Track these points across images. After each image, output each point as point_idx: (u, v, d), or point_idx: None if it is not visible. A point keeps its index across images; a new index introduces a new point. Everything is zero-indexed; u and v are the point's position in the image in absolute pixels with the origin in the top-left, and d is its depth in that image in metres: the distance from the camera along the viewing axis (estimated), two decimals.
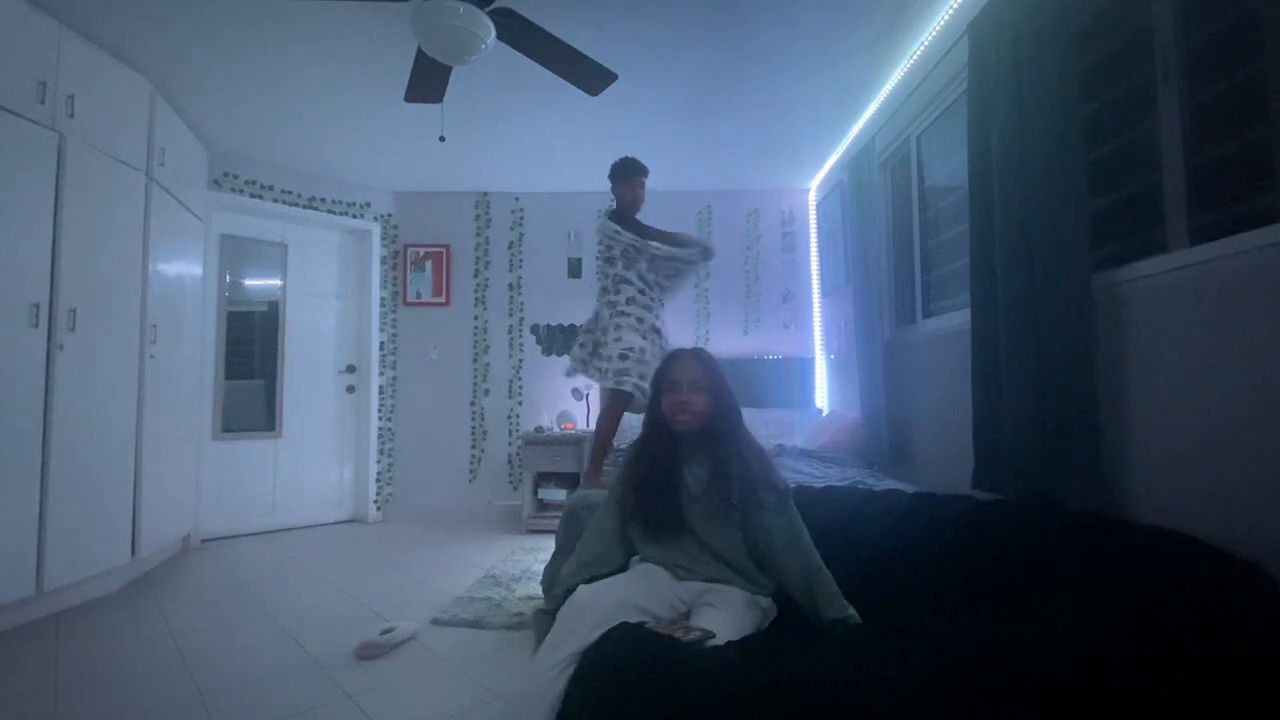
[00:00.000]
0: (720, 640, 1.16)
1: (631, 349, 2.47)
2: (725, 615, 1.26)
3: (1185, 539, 1.21)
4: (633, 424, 3.71)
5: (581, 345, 2.66)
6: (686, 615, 1.31)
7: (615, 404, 2.54)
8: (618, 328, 2.53)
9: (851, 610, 1.32)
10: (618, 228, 2.56)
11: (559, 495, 3.94)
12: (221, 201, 3.75)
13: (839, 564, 1.39)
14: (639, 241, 2.54)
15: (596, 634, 1.15)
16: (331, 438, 4.26)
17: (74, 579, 2.45)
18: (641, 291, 2.55)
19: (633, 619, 1.20)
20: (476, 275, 4.47)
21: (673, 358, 1.51)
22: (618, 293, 2.56)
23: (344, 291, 4.37)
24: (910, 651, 1.02)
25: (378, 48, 2.64)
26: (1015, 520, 1.48)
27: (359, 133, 3.53)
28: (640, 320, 2.53)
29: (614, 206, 2.73)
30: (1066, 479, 1.68)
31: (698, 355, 1.50)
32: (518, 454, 4.36)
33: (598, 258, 2.71)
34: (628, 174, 2.65)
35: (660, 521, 1.41)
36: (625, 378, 2.45)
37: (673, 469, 1.44)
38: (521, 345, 4.44)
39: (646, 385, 2.43)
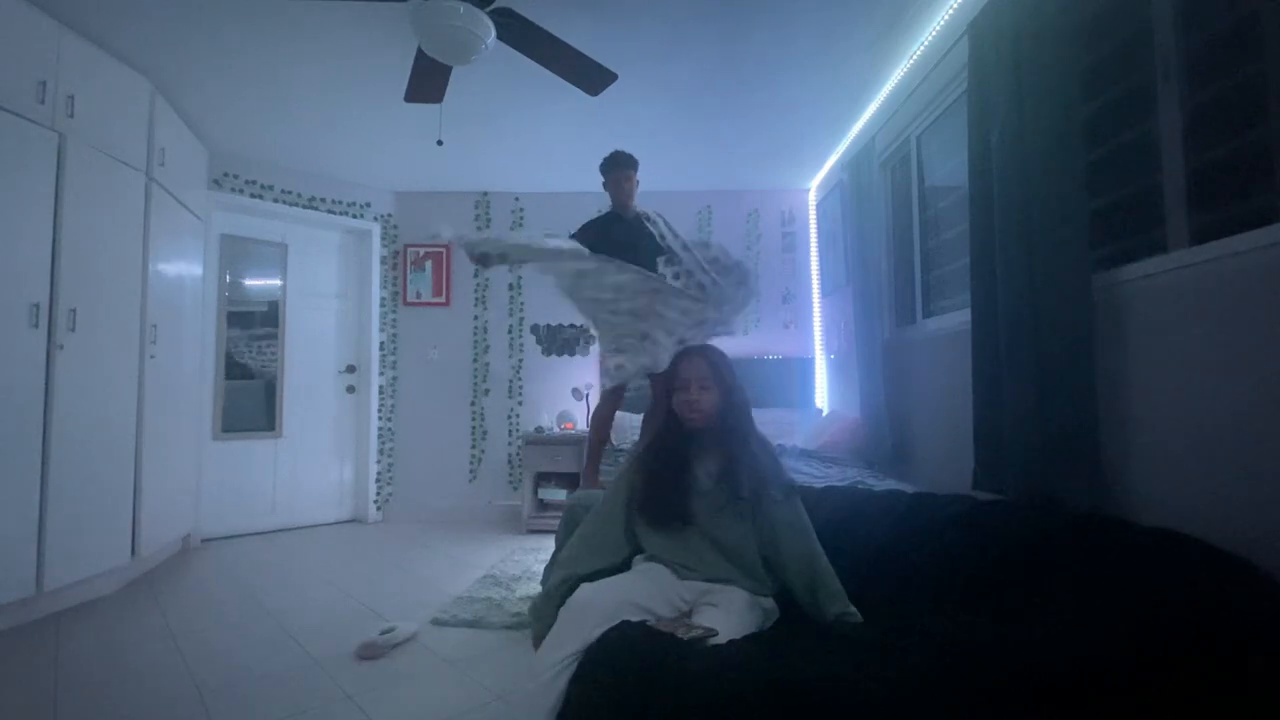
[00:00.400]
0: (722, 639, 1.16)
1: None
2: (727, 615, 1.26)
3: (1185, 539, 1.21)
4: (632, 423, 3.72)
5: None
6: (688, 614, 1.31)
7: (604, 403, 2.57)
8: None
9: (853, 608, 1.32)
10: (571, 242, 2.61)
11: (559, 495, 3.94)
12: (221, 201, 3.75)
13: (840, 564, 1.39)
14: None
15: (598, 633, 1.15)
16: (331, 438, 4.25)
17: (74, 579, 2.45)
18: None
19: (634, 618, 1.20)
20: (476, 275, 4.47)
21: (680, 356, 1.53)
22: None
23: (344, 291, 4.37)
24: (910, 651, 1.02)
25: (378, 48, 2.64)
26: (1015, 520, 1.48)
27: (359, 133, 3.52)
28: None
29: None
30: (1067, 479, 1.68)
31: (705, 353, 1.51)
32: (518, 454, 4.36)
33: None
34: (611, 167, 2.67)
35: (666, 512, 1.41)
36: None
37: (682, 463, 1.45)
38: (521, 345, 4.44)
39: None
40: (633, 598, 1.26)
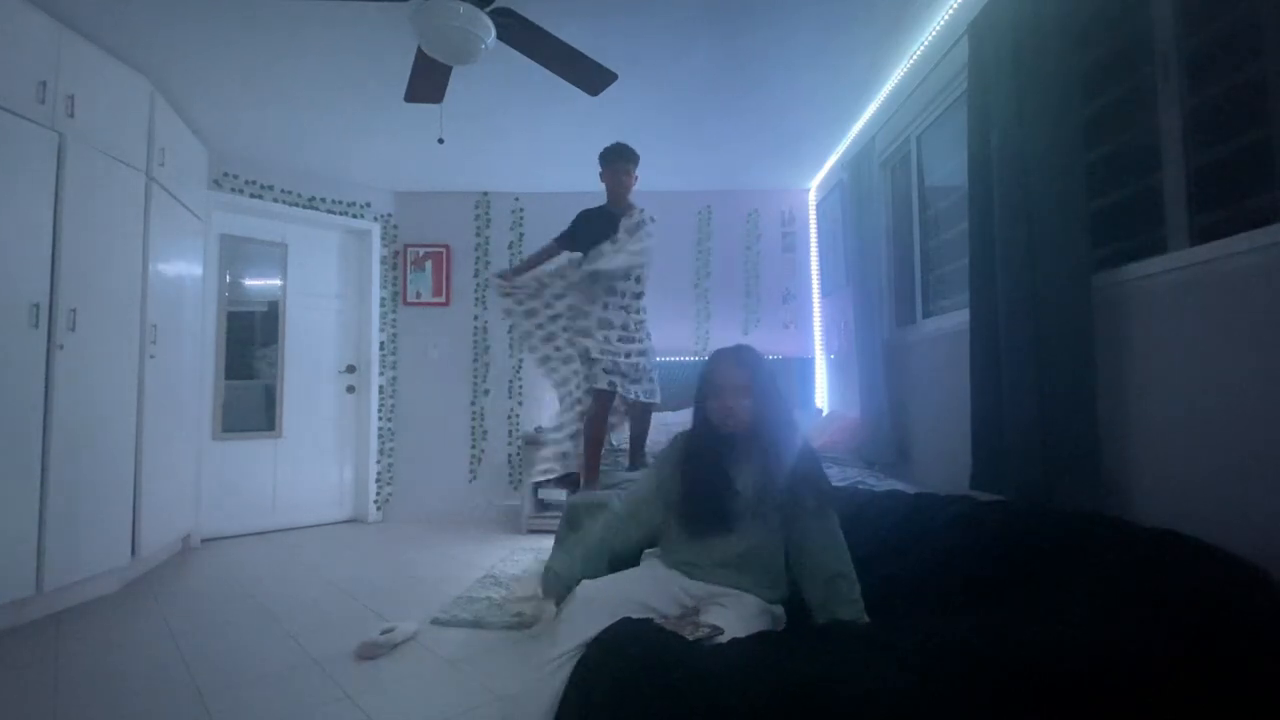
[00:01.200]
0: (728, 638, 1.16)
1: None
2: (734, 616, 1.25)
3: (1185, 539, 1.21)
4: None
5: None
6: (695, 611, 1.30)
7: (595, 404, 2.59)
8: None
9: (866, 616, 1.31)
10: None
11: (559, 495, 3.94)
12: (221, 201, 3.75)
13: None
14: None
15: (599, 629, 1.15)
16: (331, 438, 4.25)
17: (74, 579, 2.45)
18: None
19: (637, 615, 1.20)
20: (476, 275, 4.47)
21: (714, 360, 1.46)
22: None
23: (344, 291, 4.37)
24: (911, 651, 1.01)
25: (378, 48, 2.64)
26: (1016, 521, 1.48)
27: (359, 133, 3.52)
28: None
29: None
30: (1066, 479, 1.68)
31: (739, 356, 1.44)
32: (518, 454, 4.36)
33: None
34: (607, 160, 2.66)
35: (707, 523, 1.37)
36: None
37: (720, 470, 1.40)
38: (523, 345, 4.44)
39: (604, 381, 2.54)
40: (637, 595, 1.25)
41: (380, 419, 4.35)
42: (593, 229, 2.67)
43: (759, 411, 1.39)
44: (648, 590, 1.29)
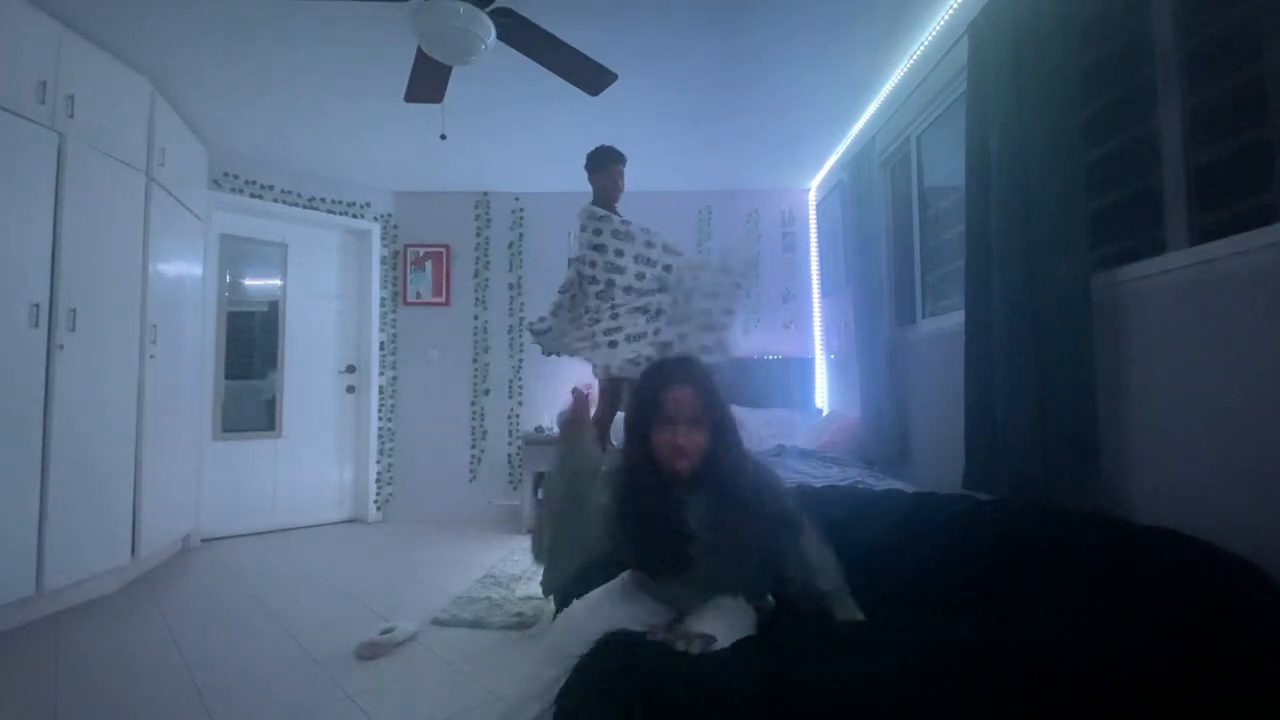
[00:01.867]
0: (720, 644, 1.14)
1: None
2: (724, 623, 1.21)
3: (1185, 539, 1.21)
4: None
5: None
6: (681, 618, 1.25)
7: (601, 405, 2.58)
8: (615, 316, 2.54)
9: (860, 614, 1.30)
10: (604, 212, 2.56)
11: None
12: (221, 201, 3.75)
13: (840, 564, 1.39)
14: (625, 226, 2.54)
15: (588, 646, 1.13)
16: (331, 438, 4.26)
17: (74, 579, 2.45)
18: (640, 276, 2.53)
19: (626, 626, 1.18)
20: (476, 275, 4.47)
21: (661, 379, 1.21)
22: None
23: (344, 291, 4.37)
24: (910, 651, 1.01)
25: (378, 48, 2.64)
26: (1016, 521, 1.48)
27: (359, 133, 3.52)
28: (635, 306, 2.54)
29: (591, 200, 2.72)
30: (1064, 479, 1.68)
31: (691, 376, 1.21)
32: (518, 454, 4.36)
33: (582, 247, 2.63)
34: (603, 162, 2.65)
35: (661, 565, 1.21)
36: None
37: (669, 506, 1.19)
38: (521, 345, 4.44)
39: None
40: (622, 610, 1.22)
41: (380, 419, 4.35)
42: (617, 236, 2.61)
43: (714, 447, 1.18)
44: (633, 604, 1.25)
